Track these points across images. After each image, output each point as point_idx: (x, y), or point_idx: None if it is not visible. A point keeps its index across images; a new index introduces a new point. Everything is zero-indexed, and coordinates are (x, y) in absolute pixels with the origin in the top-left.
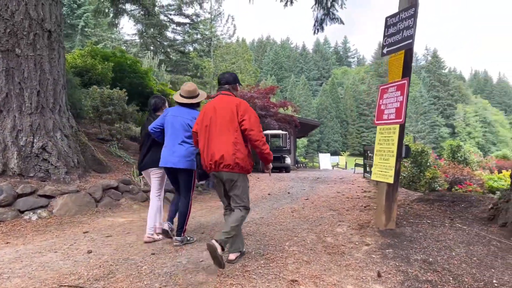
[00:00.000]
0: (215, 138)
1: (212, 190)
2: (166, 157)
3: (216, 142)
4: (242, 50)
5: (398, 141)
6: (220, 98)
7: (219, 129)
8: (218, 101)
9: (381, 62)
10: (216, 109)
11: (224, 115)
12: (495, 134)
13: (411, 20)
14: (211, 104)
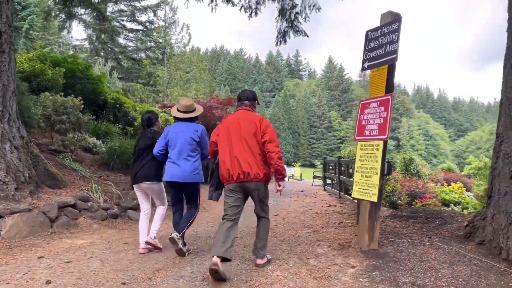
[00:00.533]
0: (242, 150)
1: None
2: (174, 172)
3: (243, 153)
4: (197, 59)
5: (382, 158)
6: (242, 113)
7: (246, 142)
8: (241, 116)
9: (331, 76)
10: (240, 123)
11: (249, 129)
12: (436, 147)
13: (394, 34)
14: (234, 118)
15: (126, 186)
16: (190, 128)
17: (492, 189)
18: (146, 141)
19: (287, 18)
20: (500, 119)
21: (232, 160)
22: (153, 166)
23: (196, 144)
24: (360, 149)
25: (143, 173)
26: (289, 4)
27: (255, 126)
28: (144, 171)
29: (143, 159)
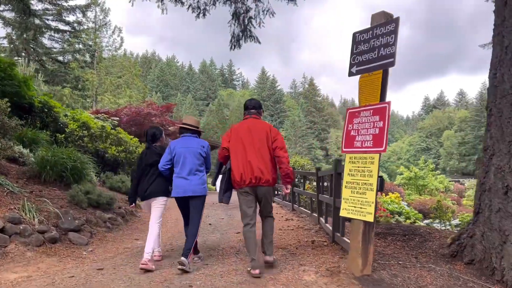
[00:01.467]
0: (254, 157)
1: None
2: (184, 187)
3: (255, 160)
4: (130, 64)
5: (377, 172)
6: (252, 121)
7: (257, 148)
8: (251, 123)
9: (264, 87)
10: (251, 130)
11: (261, 136)
12: None
13: (391, 36)
14: (245, 125)
15: (64, 202)
16: (197, 143)
17: (481, 205)
18: (154, 157)
19: (240, 23)
20: (489, 131)
21: (245, 166)
22: (163, 182)
23: (203, 159)
24: (349, 162)
25: (155, 189)
26: (243, 8)
27: (265, 134)
28: (156, 187)
29: (152, 174)
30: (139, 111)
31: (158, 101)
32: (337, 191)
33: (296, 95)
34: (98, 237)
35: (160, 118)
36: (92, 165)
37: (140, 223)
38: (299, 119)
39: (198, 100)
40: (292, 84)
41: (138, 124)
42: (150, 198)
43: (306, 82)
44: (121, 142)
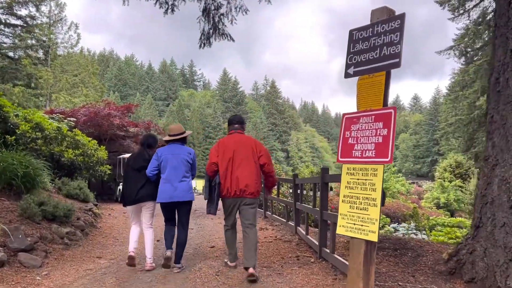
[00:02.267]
0: (240, 169)
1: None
2: (171, 193)
3: (241, 173)
4: (87, 62)
5: (381, 186)
6: (238, 136)
7: (244, 162)
8: (237, 139)
9: (226, 88)
10: (238, 146)
11: (247, 151)
12: (321, 159)
13: (395, 34)
14: (232, 140)
15: (14, 216)
16: (184, 150)
17: (482, 219)
18: (142, 162)
19: (210, 19)
20: (491, 140)
21: (233, 180)
22: (152, 186)
23: (189, 166)
24: (347, 174)
25: (145, 192)
26: (214, 4)
27: (251, 149)
28: (146, 191)
29: (140, 179)
30: (98, 111)
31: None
32: (324, 203)
33: (258, 97)
34: (55, 257)
35: (121, 119)
36: (47, 171)
37: (101, 236)
38: (261, 121)
39: (158, 100)
40: (254, 86)
41: (96, 125)
42: (140, 202)
43: (268, 84)
44: (79, 144)
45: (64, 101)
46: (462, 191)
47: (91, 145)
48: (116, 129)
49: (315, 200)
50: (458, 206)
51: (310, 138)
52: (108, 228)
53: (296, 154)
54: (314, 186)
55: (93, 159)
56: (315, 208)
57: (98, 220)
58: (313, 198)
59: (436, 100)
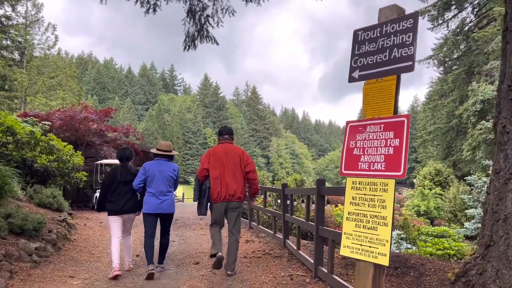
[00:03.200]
0: (230, 176)
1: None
2: (155, 205)
3: (229, 179)
4: (64, 64)
5: (392, 203)
6: (227, 146)
7: (232, 170)
8: (227, 148)
9: (206, 93)
10: (227, 154)
11: (235, 160)
12: (301, 165)
13: (407, 35)
14: (221, 149)
15: None
16: (169, 167)
17: (493, 237)
18: (128, 176)
19: (196, 21)
20: (503, 152)
21: (222, 185)
22: (136, 198)
23: (173, 181)
24: (352, 188)
25: (132, 204)
26: (199, 5)
27: (239, 158)
28: (132, 203)
29: (127, 191)
30: (74, 115)
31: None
32: (320, 217)
33: (239, 103)
34: (21, 277)
35: (98, 124)
36: (17, 179)
37: (75, 250)
38: (241, 127)
39: (137, 104)
40: (235, 92)
41: (73, 130)
42: (125, 214)
43: (249, 90)
44: (53, 150)
45: (40, 104)
46: (442, 199)
47: (67, 150)
48: (93, 134)
49: (309, 213)
50: (438, 213)
51: (290, 144)
52: (83, 241)
53: (276, 160)
54: (308, 198)
55: (68, 165)
56: (309, 222)
57: (72, 231)
58: (306, 211)
59: (414, 109)
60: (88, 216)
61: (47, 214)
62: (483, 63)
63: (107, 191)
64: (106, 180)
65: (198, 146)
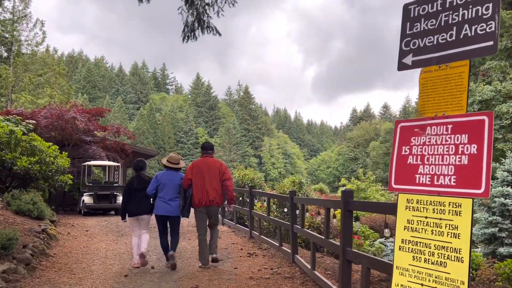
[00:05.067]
0: (209, 185)
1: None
2: (166, 208)
3: (209, 187)
4: (53, 62)
5: (469, 230)
6: (209, 159)
7: (212, 180)
8: (207, 161)
9: (198, 92)
10: (208, 167)
11: (215, 171)
12: (293, 165)
13: (486, 6)
14: (203, 161)
15: None
16: (177, 176)
17: None
18: (144, 183)
19: (193, 11)
20: None
21: (203, 193)
22: (149, 203)
23: (180, 188)
24: (406, 209)
25: (146, 208)
26: None
27: (218, 170)
28: (146, 207)
29: (142, 196)
30: (61, 114)
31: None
32: (347, 238)
33: (231, 103)
34: None
35: (86, 124)
36: None
37: (54, 269)
38: (233, 127)
39: (128, 103)
40: (227, 91)
41: (59, 129)
42: (142, 214)
43: (241, 90)
44: (36, 151)
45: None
46: None
47: (51, 152)
48: (82, 133)
49: (328, 229)
50: None
51: (282, 144)
52: (64, 256)
53: (268, 160)
54: (327, 212)
55: (52, 168)
56: (329, 240)
57: (53, 243)
58: (326, 226)
59: (406, 109)
60: (74, 223)
61: (24, 224)
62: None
63: (127, 197)
64: (126, 189)
65: (190, 146)
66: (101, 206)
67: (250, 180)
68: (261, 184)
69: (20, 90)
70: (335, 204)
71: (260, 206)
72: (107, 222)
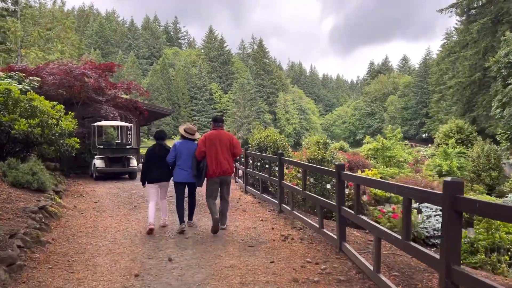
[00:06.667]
0: (222, 157)
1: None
2: (184, 176)
3: (222, 159)
4: (62, 15)
5: None
6: (221, 132)
7: (224, 151)
8: (220, 133)
9: (211, 47)
10: (220, 139)
11: (226, 143)
12: (308, 121)
13: None
14: (215, 134)
15: None
16: (194, 146)
17: None
18: (164, 151)
19: None
20: None
21: (217, 164)
22: (169, 170)
23: None
24: None
25: (166, 174)
26: None
27: (229, 142)
28: (166, 174)
29: (162, 164)
30: (69, 69)
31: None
32: (453, 250)
33: (245, 57)
34: None
35: (96, 81)
36: None
37: (48, 265)
38: (248, 82)
39: (141, 59)
40: (241, 45)
41: (67, 87)
42: (160, 181)
43: (255, 43)
44: (36, 112)
45: (36, 58)
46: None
47: (54, 113)
48: (92, 91)
49: (409, 228)
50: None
51: (297, 100)
52: (64, 241)
53: (283, 116)
54: (408, 203)
55: (55, 131)
56: (415, 245)
57: (52, 224)
58: (406, 225)
59: (427, 62)
60: (83, 190)
61: (20, 201)
62: None
63: (148, 165)
64: (147, 156)
65: (204, 102)
66: (113, 170)
67: (272, 142)
68: (285, 146)
69: (29, 45)
70: (427, 197)
71: (288, 171)
72: (120, 190)
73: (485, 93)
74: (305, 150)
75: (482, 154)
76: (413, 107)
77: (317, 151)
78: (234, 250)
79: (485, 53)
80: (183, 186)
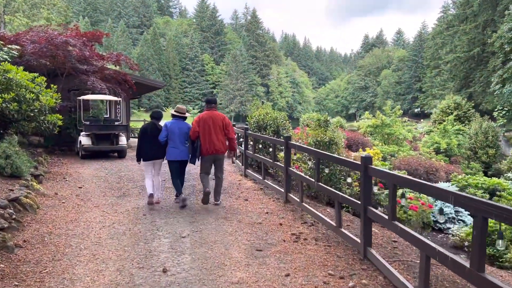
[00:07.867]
0: (214, 136)
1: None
2: (176, 154)
3: (215, 138)
4: None
5: None
6: (214, 113)
7: (216, 131)
8: (213, 114)
9: (203, 16)
10: (213, 119)
11: (219, 124)
12: (301, 94)
13: None
14: (208, 115)
15: None
16: (185, 125)
17: None
18: (156, 131)
19: None
20: None
21: (210, 143)
22: (162, 148)
23: (188, 136)
24: None
25: (160, 152)
26: None
27: (222, 122)
28: (160, 151)
29: (156, 142)
30: (51, 37)
31: (86, 26)
32: None
33: (238, 27)
34: None
35: (81, 50)
36: None
37: (14, 281)
38: (240, 54)
39: (131, 27)
40: (234, 15)
41: (49, 56)
42: (157, 158)
43: (248, 14)
44: (12, 85)
45: (20, 25)
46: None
47: (33, 86)
48: (76, 61)
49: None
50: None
51: (290, 73)
52: (38, 244)
53: (276, 89)
54: (483, 223)
55: (34, 106)
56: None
57: (26, 220)
58: (480, 246)
59: (422, 36)
60: (67, 172)
61: None
62: None
63: (141, 142)
64: (141, 134)
65: (196, 74)
66: (100, 148)
67: (272, 120)
68: (285, 125)
69: (13, 12)
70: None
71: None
72: (107, 172)
73: (483, 68)
74: (305, 129)
75: (480, 131)
76: (406, 81)
77: (323, 132)
78: (239, 255)
79: (484, 28)
80: (175, 164)
